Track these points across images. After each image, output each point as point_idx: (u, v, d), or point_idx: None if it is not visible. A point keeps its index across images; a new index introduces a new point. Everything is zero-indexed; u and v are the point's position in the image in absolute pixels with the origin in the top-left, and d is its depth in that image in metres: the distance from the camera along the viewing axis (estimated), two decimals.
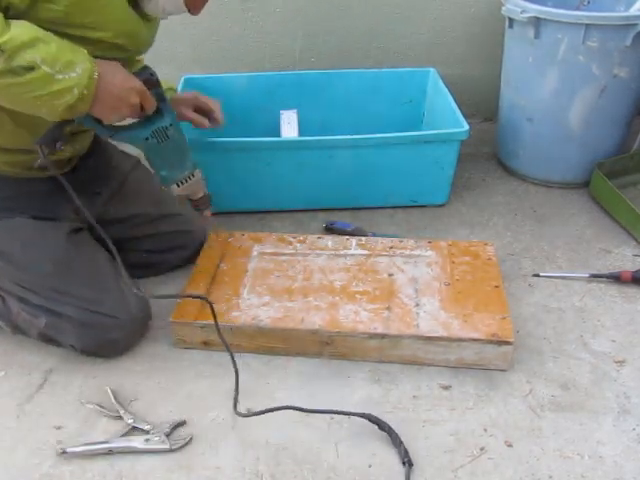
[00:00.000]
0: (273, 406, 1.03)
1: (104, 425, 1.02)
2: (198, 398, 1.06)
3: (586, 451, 0.96)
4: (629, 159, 1.62)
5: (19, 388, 1.09)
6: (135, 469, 0.95)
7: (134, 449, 0.97)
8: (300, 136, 1.62)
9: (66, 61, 0.90)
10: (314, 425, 1.01)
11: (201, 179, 1.18)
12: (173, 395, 1.07)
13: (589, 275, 1.31)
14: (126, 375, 1.11)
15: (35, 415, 1.04)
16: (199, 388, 1.08)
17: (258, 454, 0.97)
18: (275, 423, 1.01)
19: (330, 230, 1.47)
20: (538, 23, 1.46)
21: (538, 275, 1.32)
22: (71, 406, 1.05)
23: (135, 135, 1.05)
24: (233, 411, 1.02)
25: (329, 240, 1.34)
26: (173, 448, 0.97)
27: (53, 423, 1.03)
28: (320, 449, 0.97)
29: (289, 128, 1.64)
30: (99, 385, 1.09)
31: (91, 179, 1.24)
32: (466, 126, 1.45)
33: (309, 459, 0.96)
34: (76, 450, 0.96)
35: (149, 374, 1.11)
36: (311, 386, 1.07)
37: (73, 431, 1.01)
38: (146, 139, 1.05)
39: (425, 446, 0.97)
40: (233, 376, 1.09)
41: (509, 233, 1.47)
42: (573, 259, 1.38)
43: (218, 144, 1.42)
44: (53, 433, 1.01)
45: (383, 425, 0.98)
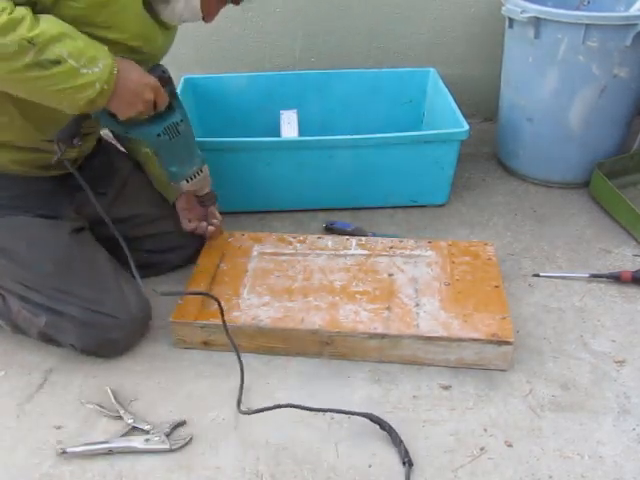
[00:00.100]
0: (277, 402, 1.03)
1: (104, 425, 1.02)
2: (198, 398, 1.06)
3: (586, 451, 0.96)
4: (629, 159, 1.62)
5: (19, 388, 1.10)
6: (135, 469, 0.95)
7: (134, 449, 0.97)
8: (300, 136, 1.62)
9: (90, 56, 0.92)
10: (314, 425, 1.01)
11: (208, 175, 1.20)
12: (173, 395, 1.07)
13: (589, 275, 1.31)
14: (126, 375, 1.11)
15: (35, 415, 1.04)
16: (199, 388, 1.08)
17: (258, 454, 0.97)
18: (275, 423, 1.01)
19: (330, 230, 1.47)
20: (538, 23, 1.46)
21: (538, 275, 1.32)
22: (71, 406, 1.05)
23: (148, 131, 1.07)
24: (236, 409, 1.02)
25: (329, 240, 1.34)
26: (173, 448, 0.97)
27: (53, 423, 1.03)
28: (320, 449, 0.97)
29: (289, 128, 1.64)
30: (99, 385, 1.09)
31: (95, 179, 1.24)
32: (466, 126, 1.45)
33: (309, 459, 0.96)
34: (76, 450, 0.96)
35: (149, 374, 1.11)
36: (311, 386, 1.08)
37: (73, 431, 1.01)
38: (158, 135, 1.08)
39: (425, 446, 0.97)
40: (233, 376, 1.09)
41: (509, 233, 1.47)
42: (573, 259, 1.38)
43: (218, 144, 1.43)
44: (53, 433, 1.01)
45: (384, 425, 0.98)
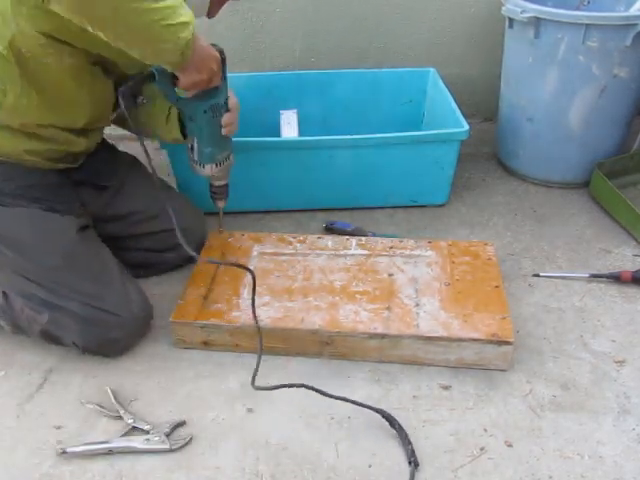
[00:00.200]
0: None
1: (104, 425, 1.02)
2: (198, 398, 1.06)
3: (586, 451, 0.96)
4: (629, 159, 1.62)
5: (19, 388, 1.10)
6: (135, 469, 0.95)
7: (134, 449, 0.97)
8: (300, 136, 1.62)
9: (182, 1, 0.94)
10: (314, 425, 1.01)
11: (232, 166, 1.22)
12: (173, 395, 1.07)
13: (589, 275, 1.31)
14: (126, 375, 1.11)
15: (35, 415, 1.04)
16: (199, 388, 1.08)
17: (258, 454, 0.97)
18: (275, 423, 1.01)
19: (330, 230, 1.47)
20: (538, 23, 1.46)
21: (538, 275, 1.32)
22: (71, 406, 1.05)
23: (195, 106, 1.10)
24: (251, 385, 1.03)
25: (329, 240, 1.34)
26: (173, 448, 0.97)
27: (53, 423, 1.03)
28: (320, 449, 0.97)
29: (289, 128, 1.64)
30: (99, 385, 1.09)
31: (98, 173, 1.26)
32: (466, 126, 1.45)
33: (309, 459, 0.96)
34: (76, 450, 0.96)
35: (149, 374, 1.11)
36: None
37: (73, 431, 1.01)
38: (204, 112, 1.10)
39: (425, 446, 0.97)
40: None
41: (509, 233, 1.47)
42: (573, 259, 1.38)
43: None
44: (53, 433, 1.01)
45: (394, 422, 0.98)
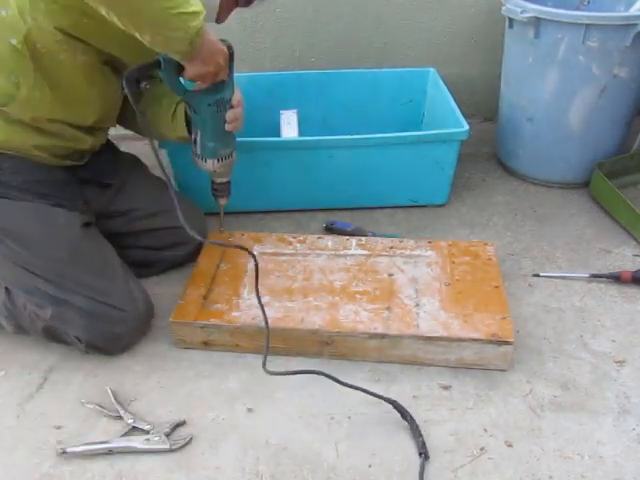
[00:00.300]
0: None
1: (104, 425, 1.02)
2: (198, 398, 1.06)
3: (586, 451, 0.96)
4: (629, 159, 1.62)
5: (19, 387, 1.10)
6: (135, 469, 0.95)
7: (134, 449, 0.97)
8: (300, 136, 1.62)
9: None
10: (314, 425, 1.01)
11: (234, 163, 1.22)
12: (173, 395, 1.07)
13: (589, 275, 1.31)
14: (126, 375, 1.11)
15: (35, 415, 1.04)
16: (199, 388, 1.08)
17: (258, 454, 0.97)
18: (275, 423, 1.01)
19: (330, 230, 1.47)
20: (538, 23, 1.46)
21: (538, 275, 1.32)
22: (71, 406, 1.05)
23: (200, 98, 1.10)
24: (263, 369, 1.02)
25: (329, 240, 1.34)
26: (173, 448, 0.97)
27: (53, 423, 1.03)
28: (320, 449, 0.97)
29: (289, 128, 1.64)
30: (99, 385, 1.09)
31: (102, 171, 1.27)
32: (466, 126, 1.45)
33: (309, 459, 0.96)
34: (76, 450, 0.96)
35: (149, 374, 1.11)
36: (311, 386, 1.07)
37: (73, 431, 1.01)
38: (209, 105, 1.11)
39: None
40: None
41: (509, 233, 1.47)
42: (573, 259, 1.38)
43: None
44: (53, 433, 1.01)
45: (406, 414, 0.99)
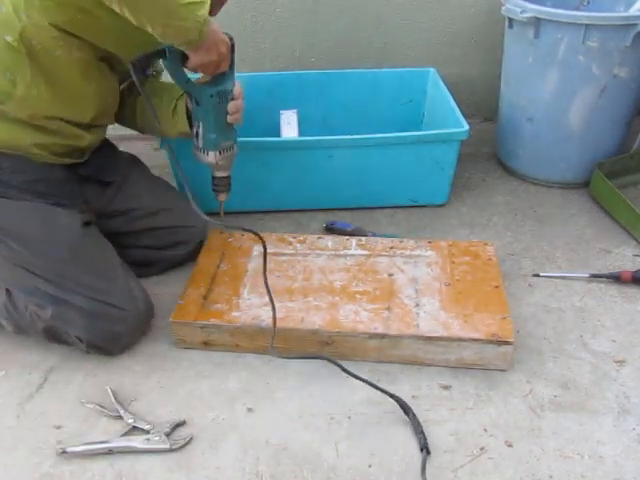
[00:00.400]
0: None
1: (104, 425, 1.02)
2: (198, 398, 1.06)
3: (586, 451, 0.96)
4: (629, 159, 1.62)
5: (19, 387, 1.10)
6: (135, 469, 0.95)
7: (134, 449, 0.97)
8: (300, 136, 1.62)
9: None
10: (314, 425, 1.01)
11: (235, 156, 1.22)
12: (173, 395, 1.07)
13: (589, 275, 1.31)
14: (126, 374, 1.11)
15: (35, 414, 1.04)
16: (199, 388, 1.08)
17: (258, 454, 0.97)
18: (275, 423, 1.01)
19: (330, 230, 1.47)
20: (538, 23, 1.46)
21: (538, 275, 1.32)
22: (71, 405, 1.05)
23: (202, 89, 1.11)
24: (270, 349, 1.05)
25: (329, 240, 1.34)
26: (173, 448, 0.97)
27: (53, 423, 1.03)
28: (320, 449, 0.97)
29: (289, 128, 1.64)
30: (99, 384, 1.09)
31: (102, 169, 1.27)
32: (466, 126, 1.45)
33: (309, 459, 0.96)
34: (76, 450, 0.96)
35: (149, 374, 1.11)
36: (311, 386, 1.07)
37: (73, 431, 1.01)
38: (211, 96, 1.11)
39: None
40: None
41: (509, 233, 1.47)
42: (573, 259, 1.38)
43: None
44: (53, 433, 1.01)
45: (408, 410, 1.00)
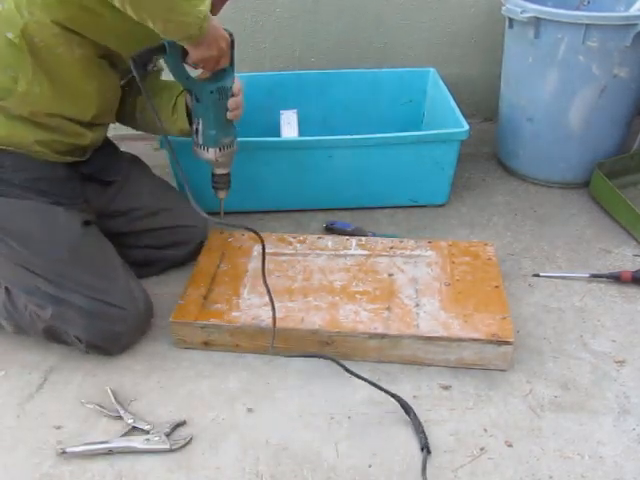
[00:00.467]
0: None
1: (104, 425, 1.02)
2: (198, 398, 1.06)
3: (586, 451, 0.96)
4: (629, 159, 1.62)
5: (19, 387, 1.10)
6: (135, 469, 0.95)
7: (134, 449, 0.97)
8: (300, 136, 1.62)
9: None
10: (314, 425, 1.01)
11: (235, 154, 1.22)
12: (173, 395, 1.07)
13: (589, 275, 1.31)
14: (126, 375, 1.11)
15: (35, 414, 1.04)
16: (199, 388, 1.08)
17: (258, 454, 0.97)
18: (275, 423, 1.01)
19: (330, 230, 1.47)
20: (538, 23, 1.46)
21: (538, 275, 1.32)
22: (71, 406, 1.05)
23: (203, 85, 1.11)
24: (270, 349, 1.05)
25: (329, 240, 1.34)
26: (173, 448, 0.97)
27: (53, 423, 1.03)
28: (320, 449, 0.97)
29: (289, 128, 1.64)
30: (99, 384, 1.09)
31: (104, 168, 1.27)
32: (466, 126, 1.45)
33: (309, 459, 0.96)
34: (76, 450, 0.96)
35: (149, 374, 1.11)
36: (311, 386, 1.08)
37: (73, 431, 1.01)
38: (211, 92, 1.12)
39: None
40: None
41: (509, 233, 1.47)
42: (573, 259, 1.38)
43: None
44: (53, 433, 1.01)
45: (409, 410, 1.00)
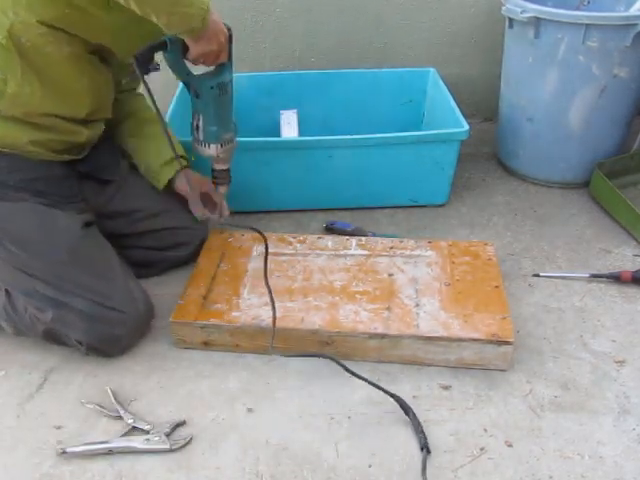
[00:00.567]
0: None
1: (104, 425, 1.02)
2: (198, 398, 1.06)
3: (586, 451, 0.96)
4: (629, 159, 1.62)
5: (19, 387, 1.10)
6: (135, 469, 0.95)
7: (134, 449, 0.97)
8: (300, 136, 1.62)
9: None
10: (314, 425, 1.01)
11: (234, 149, 1.21)
12: (173, 395, 1.07)
13: (589, 275, 1.31)
14: (126, 375, 1.11)
15: (35, 415, 1.04)
16: (199, 388, 1.08)
17: (258, 454, 0.97)
18: (275, 423, 1.01)
19: (330, 230, 1.47)
20: (538, 23, 1.46)
21: (538, 275, 1.32)
22: (71, 406, 1.05)
23: (203, 81, 1.11)
24: (270, 349, 1.05)
25: (329, 240, 1.34)
26: (173, 448, 0.97)
27: (53, 423, 1.03)
28: (320, 449, 0.97)
29: (289, 128, 1.64)
30: (99, 385, 1.09)
31: (102, 166, 1.26)
32: (466, 126, 1.45)
33: (309, 459, 0.96)
34: (76, 450, 0.96)
35: (149, 374, 1.11)
36: (311, 386, 1.08)
37: (73, 431, 1.01)
38: (211, 88, 1.11)
39: None
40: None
41: (509, 233, 1.47)
42: (573, 259, 1.38)
43: None
44: (53, 433, 1.01)
45: (408, 410, 1.00)
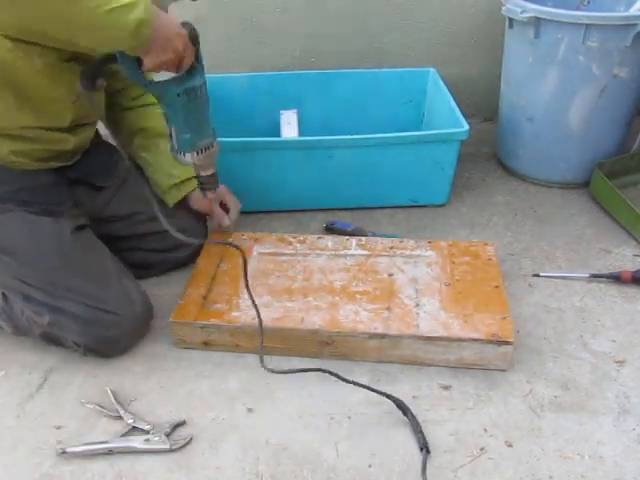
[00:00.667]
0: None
1: (104, 425, 1.02)
2: (198, 398, 1.06)
3: (586, 451, 0.96)
4: (629, 159, 1.62)
5: (19, 387, 1.10)
6: (135, 469, 0.95)
7: (134, 449, 0.97)
8: (300, 136, 1.62)
9: None
10: (314, 425, 1.01)
11: (217, 153, 1.14)
12: (173, 395, 1.07)
13: (589, 275, 1.31)
14: (126, 375, 1.11)
15: (35, 415, 1.04)
16: (199, 388, 1.08)
17: (258, 454, 0.97)
18: (275, 423, 1.01)
19: (330, 230, 1.47)
20: (538, 23, 1.46)
21: (538, 275, 1.32)
22: (71, 406, 1.05)
23: (167, 89, 1.02)
24: (261, 365, 1.01)
25: (329, 240, 1.34)
26: (173, 448, 0.97)
27: (53, 423, 1.03)
28: (320, 449, 0.97)
29: (289, 128, 1.64)
30: (99, 385, 1.09)
31: (93, 172, 1.25)
32: (466, 126, 1.45)
33: (309, 459, 0.96)
34: (76, 450, 0.96)
35: (149, 374, 1.11)
36: (311, 386, 1.07)
37: (73, 431, 1.01)
38: (178, 95, 1.02)
39: None
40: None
41: (509, 233, 1.47)
42: (573, 259, 1.38)
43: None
44: (53, 433, 1.01)
45: (406, 410, 1.00)
